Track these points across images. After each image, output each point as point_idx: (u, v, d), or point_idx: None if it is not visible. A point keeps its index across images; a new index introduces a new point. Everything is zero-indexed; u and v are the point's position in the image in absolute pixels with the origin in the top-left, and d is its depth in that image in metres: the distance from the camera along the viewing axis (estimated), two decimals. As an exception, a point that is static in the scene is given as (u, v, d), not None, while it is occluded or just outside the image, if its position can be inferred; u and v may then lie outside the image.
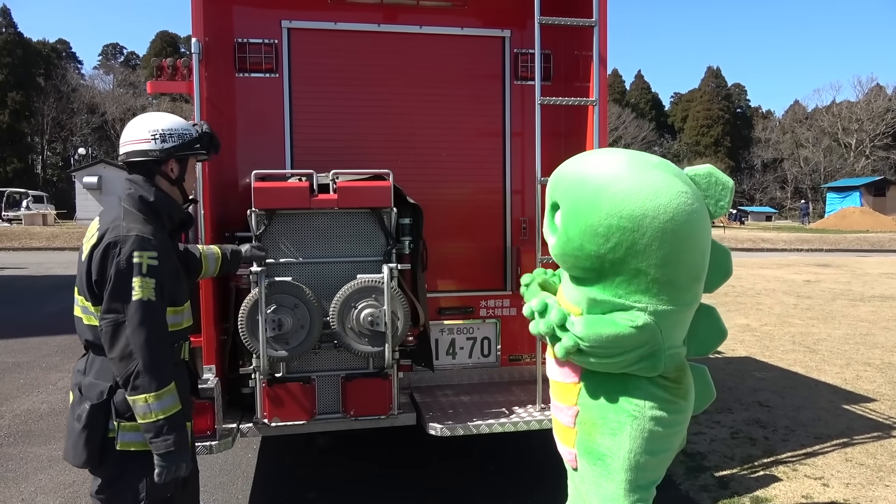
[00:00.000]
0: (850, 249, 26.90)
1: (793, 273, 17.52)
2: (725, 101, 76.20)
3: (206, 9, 3.51)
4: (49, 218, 33.61)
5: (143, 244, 2.21)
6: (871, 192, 48.22)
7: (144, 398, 2.15)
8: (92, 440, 2.24)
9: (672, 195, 2.10)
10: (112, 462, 2.28)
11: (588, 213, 2.14)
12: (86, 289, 2.27)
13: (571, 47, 4.21)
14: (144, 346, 2.15)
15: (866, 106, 63.32)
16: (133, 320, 2.16)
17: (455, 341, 4.23)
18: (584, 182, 2.19)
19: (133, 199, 2.33)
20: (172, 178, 2.45)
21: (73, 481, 4.28)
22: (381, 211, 3.36)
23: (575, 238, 2.19)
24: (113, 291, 2.18)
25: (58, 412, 5.68)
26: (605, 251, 2.12)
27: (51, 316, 10.24)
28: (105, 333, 2.19)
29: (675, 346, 2.33)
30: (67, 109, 53.69)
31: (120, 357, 2.16)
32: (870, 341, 8.70)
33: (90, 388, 2.29)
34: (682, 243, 2.12)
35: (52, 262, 18.72)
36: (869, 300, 12.51)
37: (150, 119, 2.45)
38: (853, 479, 4.23)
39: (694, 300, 2.28)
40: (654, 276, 2.13)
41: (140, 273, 2.17)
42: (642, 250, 2.09)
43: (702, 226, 2.18)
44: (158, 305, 2.22)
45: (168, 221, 2.42)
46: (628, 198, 2.08)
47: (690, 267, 2.19)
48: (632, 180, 2.12)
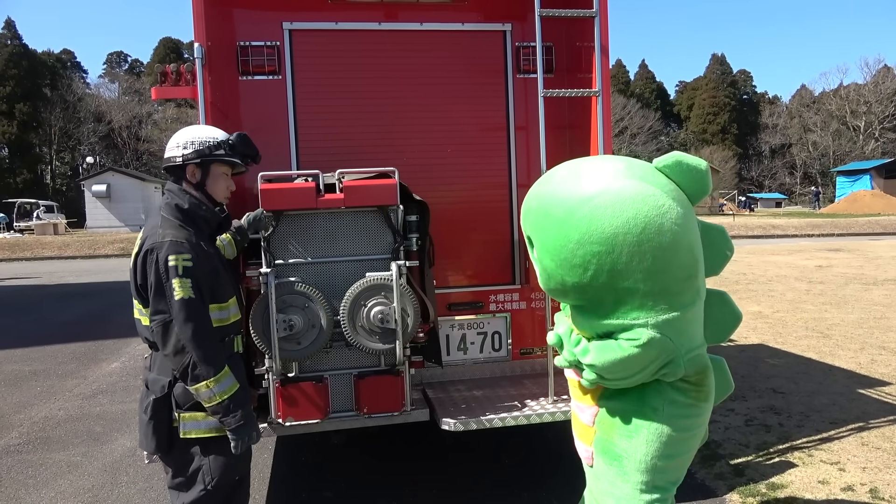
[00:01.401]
0: (861, 233, 26.68)
1: (804, 259, 17.40)
2: (731, 87, 75.71)
3: (208, 13, 3.53)
4: (60, 227, 33.92)
5: (177, 248, 2.42)
6: (882, 174, 47.72)
7: (206, 385, 2.39)
8: (159, 430, 2.49)
9: (639, 204, 1.99)
10: (179, 449, 2.53)
11: (559, 247, 2.06)
12: (135, 293, 2.51)
13: (573, 39, 4.20)
14: (192, 339, 2.38)
15: (874, 88, 62.76)
16: (178, 318, 2.38)
17: (466, 336, 4.24)
18: (548, 214, 2.10)
19: (170, 208, 2.57)
20: (194, 183, 2.65)
21: (93, 486, 4.33)
22: (387, 209, 3.37)
23: (555, 273, 2.12)
24: (156, 294, 2.42)
25: (75, 419, 5.74)
26: (588, 279, 2.04)
27: (65, 324, 10.34)
28: (157, 333, 2.43)
29: (693, 348, 2.23)
30: (74, 119, 54.12)
31: (174, 352, 2.41)
32: (884, 325, 8.63)
33: (154, 383, 2.53)
34: (662, 250, 2.01)
35: (64, 271, 18.90)
36: (882, 283, 12.41)
37: (184, 130, 2.70)
38: (869, 464, 4.21)
39: (695, 298, 2.18)
40: (644, 290, 2.04)
41: (177, 274, 2.39)
42: (624, 269, 1.99)
43: (680, 224, 2.04)
44: (199, 302, 2.43)
45: (205, 226, 2.64)
46: (595, 221, 1.98)
47: (679, 269, 2.08)
48: (595, 201, 2.00)
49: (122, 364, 7.68)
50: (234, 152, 2.71)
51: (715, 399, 2.50)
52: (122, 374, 7.20)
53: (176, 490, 2.60)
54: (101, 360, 7.87)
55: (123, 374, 7.23)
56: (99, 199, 36.16)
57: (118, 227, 34.72)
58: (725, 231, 2.39)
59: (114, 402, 6.21)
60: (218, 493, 2.55)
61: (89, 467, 4.66)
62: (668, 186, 2.12)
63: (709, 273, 2.33)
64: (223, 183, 2.74)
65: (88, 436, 5.30)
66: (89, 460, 4.78)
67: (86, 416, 5.79)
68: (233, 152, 2.70)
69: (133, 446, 4.95)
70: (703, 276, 2.23)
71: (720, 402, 2.57)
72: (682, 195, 2.15)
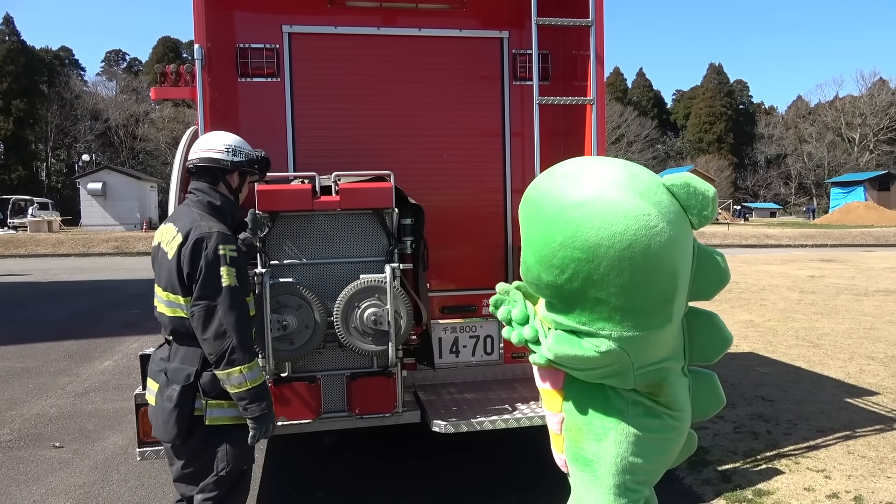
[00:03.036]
0: (854, 244, 26.85)
1: (797, 269, 17.51)
2: (728, 97, 76.02)
3: (209, 15, 3.57)
4: (54, 224, 33.80)
5: (226, 239, 2.57)
6: (876, 186, 48.08)
7: (240, 370, 2.49)
8: (182, 417, 2.56)
9: (630, 220, 1.94)
10: (198, 437, 2.61)
11: (542, 244, 2.05)
12: (177, 284, 2.56)
13: (569, 47, 4.25)
14: (235, 324, 2.49)
15: (869, 100, 63.16)
16: (224, 303, 2.49)
17: (458, 340, 4.28)
18: (540, 210, 2.10)
19: (202, 204, 2.70)
20: (232, 188, 2.83)
21: (84, 483, 4.34)
22: (382, 212, 3.41)
23: (533, 267, 2.13)
24: (204, 280, 2.50)
25: (67, 416, 5.74)
26: (563, 282, 2.03)
27: (57, 321, 10.32)
28: (198, 317, 2.50)
29: (647, 365, 2.21)
30: (71, 116, 53.95)
31: (214, 337, 2.49)
32: (873, 335, 8.70)
33: (177, 373, 2.60)
34: (642, 271, 1.96)
35: (57, 269, 18.85)
36: (873, 294, 12.51)
37: (224, 135, 2.85)
38: (855, 472, 4.26)
39: (665, 322, 2.12)
40: (615, 305, 2.01)
41: (226, 263, 2.52)
42: (599, 280, 1.97)
43: (668, 248, 1.99)
44: (241, 291, 2.57)
45: (232, 223, 2.77)
46: (582, 227, 1.95)
47: (655, 292, 2.03)
48: (587, 207, 1.97)
49: (115, 362, 7.68)
50: (265, 170, 2.95)
51: (705, 413, 2.47)
52: (114, 373, 7.20)
53: (184, 481, 2.68)
54: (94, 358, 7.87)
55: (116, 372, 7.23)
56: (94, 197, 36.11)
57: (113, 226, 34.66)
58: (723, 260, 2.29)
59: (106, 399, 6.22)
60: (228, 480, 2.64)
61: (80, 465, 4.67)
62: (670, 207, 2.06)
63: (700, 298, 2.27)
64: (247, 191, 2.96)
65: (80, 433, 5.30)
66: (81, 458, 4.79)
67: (78, 414, 5.80)
68: (263, 169, 2.93)
69: (125, 444, 4.96)
70: (681, 302, 2.18)
71: (711, 416, 2.55)
72: (681, 218, 2.09)
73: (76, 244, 25.62)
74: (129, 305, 11.59)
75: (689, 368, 2.41)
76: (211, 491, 2.62)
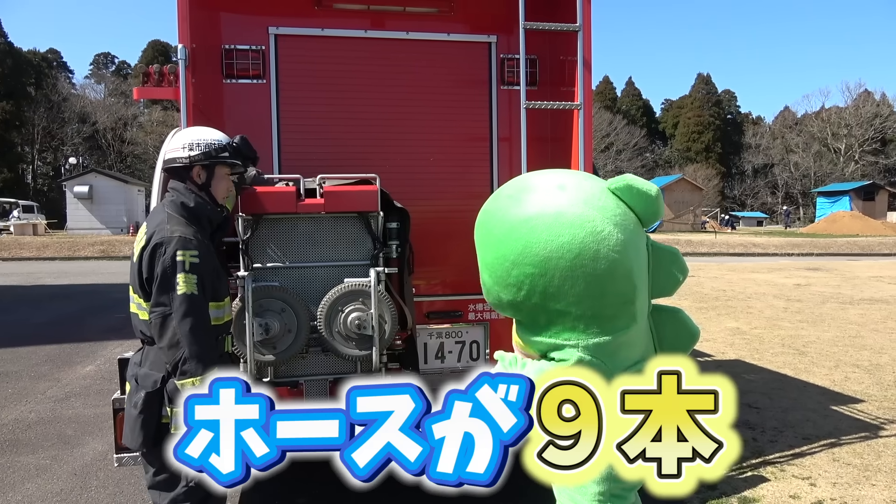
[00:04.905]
0: (840, 253, 27.09)
1: (783, 277, 17.63)
2: (716, 107, 76.75)
3: (193, 15, 3.53)
4: (39, 228, 33.47)
5: (185, 244, 2.48)
6: (861, 196, 48.65)
7: (192, 381, 2.40)
8: (147, 424, 2.51)
9: (575, 229, 1.97)
10: (166, 445, 2.42)
11: (496, 265, 2.07)
12: (138, 286, 2.55)
13: (557, 52, 4.25)
14: (189, 334, 2.42)
15: (855, 111, 63.98)
16: (178, 312, 2.42)
17: (444, 345, 4.24)
18: (489, 233, 2.11)
19: (175, 205, 2.63)
20: (199, 184, 2.72)
21: (62, 490, 4.26)
22: (368, 215, 3.37)
23: (492, 289, 2.12)
24: (160, 287, 2.46)
25: (46, 421, 5.65)
26: (521, 299, 2.04)
27: (40, 325, 10.18)
28: (154, 325, 2.47)
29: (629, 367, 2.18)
30: (58, 119, 53.54)
31: (168, 346, 2.44)
32: (858, 343, 8.75)
33: (145, 378, 2.55)
34: (595, 277, 1.99)
35: (42, 272, 18.63)
36: (858, 303, 12.60)
37: (187, 131, 2.79)
38: (840, 479, 4.26)
39: (630, 323, 2.14)
40: (576, 314, 2.02)
41: (183, 270, 2.44)
42: (556, 293, 1.99)
43: (619, 251, 2.02)
44: (201, 299, 2.49)
45: (208, 224, 2.71)
46: (530, 243, 1.98)
47: (614, 296, 2.05)
48: (532, 223, 2.00)
49: (97, 367, 7.57)
50: (238, 155, 2.81)
51: (680, 349, 2.44)
52: (96, 378, 7.10)
53: (157, 489, 2.62)
54: (76, 363, 7.76)
55: (98, 377, 7.13)
56: (81, 201, 35.75)
57: (99, 230, 34.33)
58: (677, 253, 2.31)
59: (87, 405, 6.12)
60: (200, 490, 2.56)
61: (59, 471, 4.58)
62: (615, 210, 2.08)
63: (661, 294, 2.29)
64: (225, 184, 2.83)
65: (59, 439, 5.21)
66: (59, 464, 4.71)
67: (57, 419, 5.70)
68: (237, 155, 2.80)
69: (104, 450, 4.88)
70: (643, 301, 2.19)
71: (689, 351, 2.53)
72: (629, 219, 2.11)
73: (61, 248, 25.35)
74: (114, 310, 11.45)
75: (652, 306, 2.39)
76: (182, 502, 2.57)
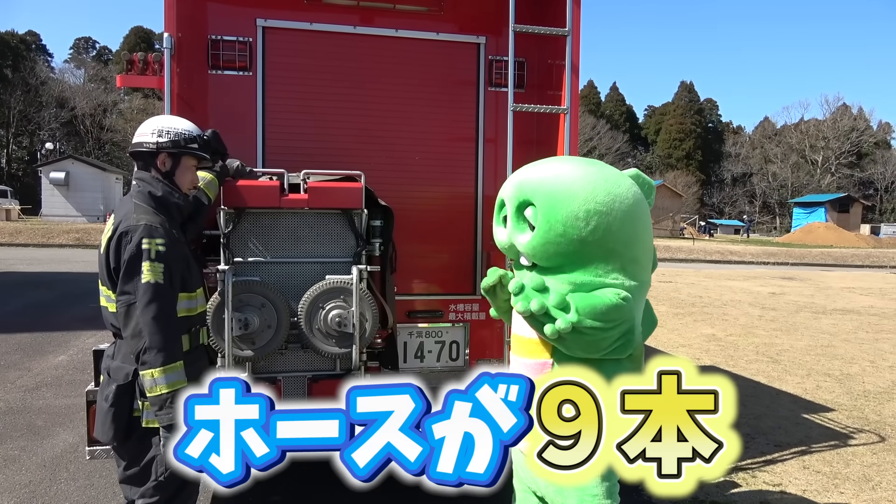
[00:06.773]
0: (814, 264, 27.56)
1: (759, 285, 17.88)
2: (698, 115, 77.65)
3: (180, 4, 3.49)
4: (13, 213, 32.80)
5: (151, 232, 2.43)
6: (836, 208, 49.59)
7: (151, 373, 2.36)
8: (118, 418, 2.48)
9: (627, 184, 2.42)
10: (137, 438, 2.51)
11: (568, 202, 2.32)
12: (106, 278, 2.50)
13: (545, 56, 4.26)
14: (151, 323, 2.35)
15: (833, 124, 65.14)
16: (142, 300, 2.37)
17: (423, 344, 4.23)
18: (557, 177, 2.39)
19: (142, 195, 2.57)
20: (163, 171, 2.65)
21: (30, 481, 4.18)
22: (351, 212, 3.36)
23: (557, 225, 2.32)
24: (125, 275, 2.41)
25: (15, 411, 5.54)
26: (587, 234, 2.29)
27: (11, 313, 9.98)
28: (119, 315, 2.43)
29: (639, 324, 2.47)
30: (35, 103, 52.49)
31: (132, 336, 2.39)
32: (830, 353, 8.91)
33: (117, 371, 2.51)
34: (639, 223, 2.39)
35: (14, 259, 18.25)
36: (831, 313, 12.83)
37: (158, 118, 2.71)
38: (809, 486, 4.33)
39: (648, 279, 2.50)
40: (624, 255, 2.33)
41: (149, 258, 2.39)
42: (616, 231, 2.30)
43: (647, 210, 2.51)
44: (167, 288, 2.43)
45: (177, 214, 2.66)
46: (598, 186, 2.32)
47: (647, 245, 2.45)
48: (596, 174, 2.38)
49: (70, 357, 7.45)
50: (207, 148, 2.76)
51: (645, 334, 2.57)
52: (68, 368, 6.98)
53: (128, 483, 2.58)
54: (48, 353, 7.62)
55: (70, 367, 7.01)
56: (56, 187, 35.07)
57: (75, 217, 33.73)
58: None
59: (58, 395, 6.02)
60: (170, 486, 2.53)
61: (27, 462, 4.50)
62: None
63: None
64: (190, 175, 2.76)
65: (28, 430, 5.12)
66: (28, 455, 4.62)
67: (27, 409, 5.60)
68: (206, 148, 2.75)
69: (75, 442, 4.80)
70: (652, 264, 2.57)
71: (647, 338, 2.61)
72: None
73: (35, 234, 24.87)
74: (88, 299, 11.24)
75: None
76: (151, 496, 2.53)
